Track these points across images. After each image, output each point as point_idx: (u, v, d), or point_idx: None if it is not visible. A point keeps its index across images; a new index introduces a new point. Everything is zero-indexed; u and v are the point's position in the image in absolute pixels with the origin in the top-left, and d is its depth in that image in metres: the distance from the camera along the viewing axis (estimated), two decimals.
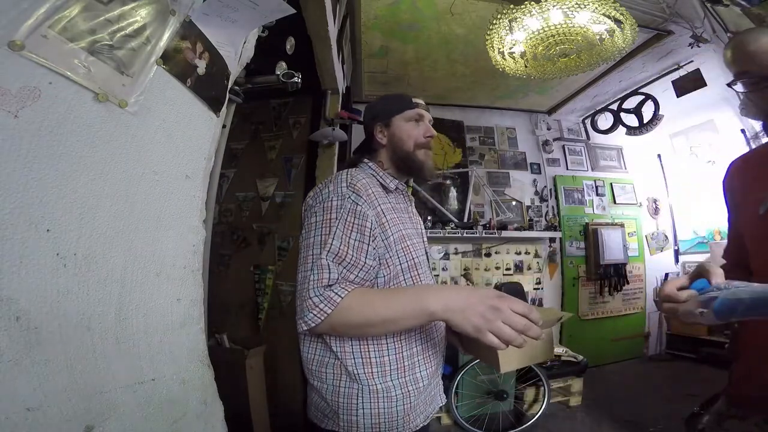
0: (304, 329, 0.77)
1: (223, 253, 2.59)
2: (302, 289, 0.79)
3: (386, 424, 0.84)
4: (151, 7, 0.59)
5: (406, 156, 1.00)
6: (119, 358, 0.55)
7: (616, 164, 4.27)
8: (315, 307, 0.75)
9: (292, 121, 2.65)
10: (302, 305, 0.77)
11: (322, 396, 0.87)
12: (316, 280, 0.77)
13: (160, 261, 0.64)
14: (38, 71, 0.46)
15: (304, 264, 0.81)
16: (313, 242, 0.82)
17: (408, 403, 0.86)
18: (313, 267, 0.79)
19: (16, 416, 0.43)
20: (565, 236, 3.86)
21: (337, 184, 0.87)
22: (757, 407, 0.74)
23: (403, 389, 0.86)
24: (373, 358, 0.85)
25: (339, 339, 0.85)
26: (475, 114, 3.97)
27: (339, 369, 0.85)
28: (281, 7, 0.76)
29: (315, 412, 0.91)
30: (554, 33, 1.93)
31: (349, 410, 0.84)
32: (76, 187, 0.50)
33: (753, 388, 0.76)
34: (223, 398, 0.76)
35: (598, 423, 2.64)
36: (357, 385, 0.84)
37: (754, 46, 0.76)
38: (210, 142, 0.78)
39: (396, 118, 1.02)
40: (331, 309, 0.75)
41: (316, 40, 1.84)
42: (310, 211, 0.87)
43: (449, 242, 3.52)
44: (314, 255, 0.80)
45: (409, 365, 0.88)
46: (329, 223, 0.83)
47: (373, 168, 1.00)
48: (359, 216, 0.84)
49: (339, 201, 0.85)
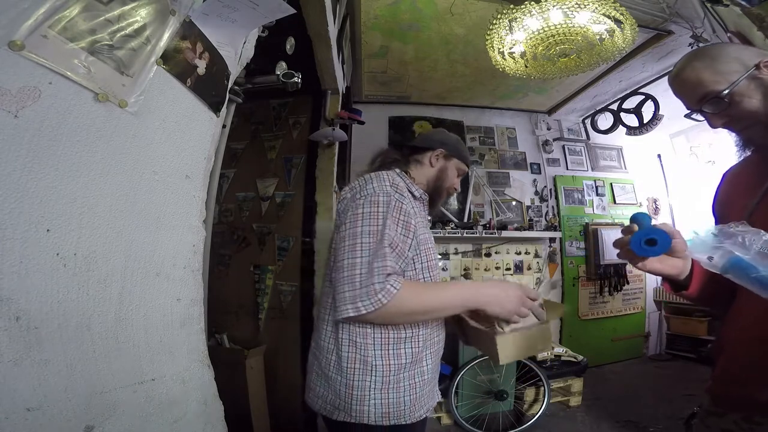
0: (351, 315, 0.82)
1: (223, 253, 2.59)
2: (351, 276, 0.84)
3: (395, 413, 0.91)
4: (151, 7, 0.59)
5: (440, 189, 1.17)
6: (119, 358, 0.55)
7: (616, 164, 4.27)
8: (375, 294, 0.81)
9: (292, 121, 2.65)
10: (357, 291, 0.82)
11: (334, 389, 0.92)
12: (379, 267, 0.83)
13: (160, 261, 0.64)
14: (38, 71, 0.46)
15: (351, 251, 0.86)
16: (362, 231, 0.88)
17: (414, 394, 0.93)
18: (376, 254, 0.85)
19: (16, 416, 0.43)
20: (565, 236, 3.86)
21: (381, 183, 0.96)
22: (735, 405, 0.75)
23: (411, 380, 0.93)
24: (391, 350, 0.92)
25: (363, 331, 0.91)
26: (475, 114, 3.97)
27: (356, 361, 0.91)
28: (281, 7, 0.76)
29: (324, 404, 0.95)
30: (554, 33, 1.92)
31: (361, 401, 0.89)
32: (76, 187, 0.50)
33: (731, 387, 0.76)
34: (223, 398, 0.76)
35: (598, 423, 2.64)
36: (370, 377, 0.90)
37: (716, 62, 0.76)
38: (210, 142, 0.78)
39: (455, 160, 1.20)
40: (388, 299, 0.81)
41: (316, 40, 1.84)
42: (354, 203, 0.93)
43: (449, 242, 3.52)
44: (369, 243, 0.87)
45: (418, 359, 0.95)
46: (377, 215, 0.90)
47: (402, 176, 1.09)
48: (404, 212, 0.94)
49: (385, 197, 0.92)
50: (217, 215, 2.36)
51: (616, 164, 4.27)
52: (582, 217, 3.98)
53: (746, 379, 0.72)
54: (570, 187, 4.02)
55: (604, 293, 3.86)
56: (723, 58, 0.75)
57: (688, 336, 3.83)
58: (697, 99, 0.77)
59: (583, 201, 4.03)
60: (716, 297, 0.80)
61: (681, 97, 0.82)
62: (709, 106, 0.76)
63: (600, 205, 4.07)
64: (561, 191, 3.97)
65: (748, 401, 0.71)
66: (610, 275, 3.84)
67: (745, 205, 0.75)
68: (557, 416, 2.76)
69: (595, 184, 4.09)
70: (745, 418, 0.72)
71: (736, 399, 0.74)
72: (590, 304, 3.85)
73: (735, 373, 0.76)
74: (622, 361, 3.86)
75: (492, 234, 3.45)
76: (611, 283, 3.85)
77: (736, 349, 0.77)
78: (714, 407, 0.79)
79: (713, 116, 0.77)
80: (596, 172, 4.15)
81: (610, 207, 4.11)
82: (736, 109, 0.74)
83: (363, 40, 2.68)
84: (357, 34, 2.60)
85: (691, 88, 0.78)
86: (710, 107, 0.76)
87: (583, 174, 4.11)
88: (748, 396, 0.71)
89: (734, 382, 0.76)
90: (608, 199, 4.12)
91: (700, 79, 0.76)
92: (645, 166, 4.33)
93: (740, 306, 0.77)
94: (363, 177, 1.01)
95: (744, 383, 0.73)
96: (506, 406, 2.66)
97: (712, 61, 0.76)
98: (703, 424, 0.80)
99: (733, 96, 0.73)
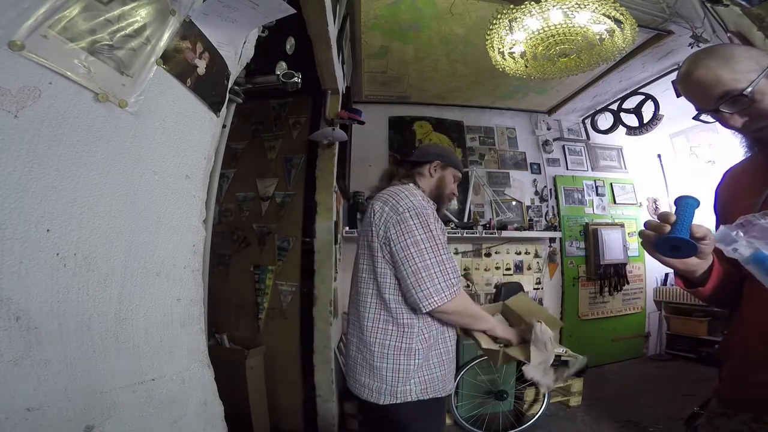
0: (438, 304, 1.05)
1: (223, 253, 2.59)
2: (430, 275, 1.06)
3: (432, 387, 1.12)
4: (151, 7, 0.59)
5: (442, 195, 1.35)
6: (119, 358, 0.55)
7: (616, 164, 4.26)
8: (453, 287, 1.08)
9: (292, 121, 2.65)
10: (439, 286, 1.06)
11: (380, 376, 1.11)
12: (453, 266, 1.10)
13: (160, 261, 0.64)
14: (38, 71, 0.46)
15: (419, 255, 1.07)
16: (422, 239, 1.09)
17: (443, 369, 1.16)
18: (448, 258, 1.11)
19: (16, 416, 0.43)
20: (565, 236, 3.86)
21: (414, 196, 1.16)
22: (744, 406, 0.75)
23: (440, 357, 1.16)
24: (425, 333, 1.13)
25: (409, 322, 1.12)
26: (475, 114, 3.97)
27: (400, 350, 1.11)
28: (281, 7, 0.76)
29: (369, 393, 1.13)
30: (554, 33, 1.92)
31: (405, 382, 1.10)
32: (76, 187, 0.50)
33: (740, 387, 0.76)
34: (223, 398, 0.76)
35: (598, 423, 2.63)
36: (413, 361, 1.10)
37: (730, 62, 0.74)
38: (210, 142, 0.78)
39: (451, 168, 1.37)
40: (459, 293, 1.10)
41: (316, 40, 1.84)
42: (400, 216, 1.11)
43: (449, 242, 3.50)
44: (431, 247, 1.09)
45: (443, 338, 1.18)
46: (427, 224, 1.11)
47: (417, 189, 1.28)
48: (438, 219, 1.18)
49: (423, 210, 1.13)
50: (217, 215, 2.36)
51: (616, 164, 4.27)
52: (582, 217, 3.98)
53: (756, 379, 0.72)
54: (570, 187, 4.02)
55: (604, 293, 3.85)
56: (738, 58, 0.74)
57: (688, 336, 3.83)
58: (716, 98, 0.75)
59: (583, 201, 4.03)
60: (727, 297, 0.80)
61: (693, 97, 0.80)
62: (728, 105, 0.74)
63: (600, 205, 4.07)
64: (561, 191, 3.97)
65: (758, 402, 0.71)
66: (610, 275, 3.84)
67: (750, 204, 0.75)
68: (557, 416, 2.76)
69: (595, 184, 4.09)
70: (755, 418, 0.71)
71: (746, 399, 0.74)
72: (590, 304, 3.85)
73: (744, 373, 0.76)
74: (622, 361, 3.86)
75: (492, 234, 3.45)
76: (611, 283, 3.85)
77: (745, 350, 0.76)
78: (722, 408, 0.79)
79: (731, 116, 0.76)
80: (596, 172, 4.15)
81: (610, 207, 4.10)
82: (756, 108, 0.73)
83: (363, 40, 2.68)
84: (357, 34, 2.60)
85: (707, 88, 0.76)
86: (730, 106, 0.74)
87: (583, 174, 4.10)
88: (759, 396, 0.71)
89: (743, 383, 0.75)
90: (608, 199, 4.12)
91: (718, 78, 0.74)
92: (645, 166, 4.33)
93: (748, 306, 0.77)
94: (389, 191, 1.20)
95: (754, 384, 0.73)
96: (506, 406, 2.66)
97: (728, 60, 0.74)
98: (711, 425, 0.79)
99: (755, 95, 0.72)
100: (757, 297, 0.71)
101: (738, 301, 0.80)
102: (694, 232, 0.65)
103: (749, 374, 0.74)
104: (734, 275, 0.78)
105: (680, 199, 0.68)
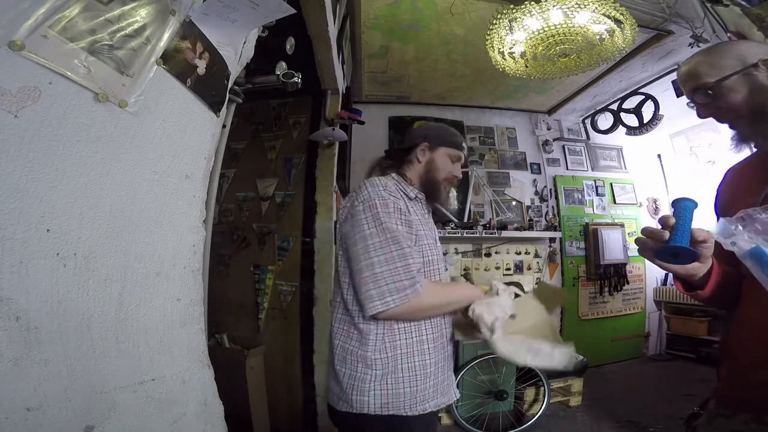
0: (380, 310, 0.89)
1: (223, 253, 2.58)
2: (373, 275, 0.91)
3: (394, 403, 0.95)
4: (151, 7, 0.59)
5: (434, 182, 1.14)
6: (119, 358, 0.55)
7: (616, 164, 4.26)
8: (404, 290, 0.90)
9: (292, 121, 2.65)
10: (383, 288, 0.90)
11: (338, 380, 0.98)
12: (405, 265, 0.91)
13: (160, 261, 0.64)
14: (38, 71, 0.46)
15: (365, 253, 0.93)
16: (370, 233, 0.94)
17: (415, 384, 0.97)
18: (399, 254, 0.92)
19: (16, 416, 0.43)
20: (565, 236, 3.86)
21: (375, 188, 1.01)
22: (743, 406, 0.75)
23: (411, 371, 0.97)
24: (387, 342, 0.97)
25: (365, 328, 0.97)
26: (475, 114, 3.97)
27: (358, 356, 0.97)
28: (281, 7, 0.76)
29: (331, 395, 1.03)
30: (554, 33, 1.92)
31: (360, 391, 0.95)
32: (76, 187, 0.50)
33: (739, 388, 0.76)
34: (223, 398, 0.76)
35: (598, 423, 2.63)
36: (371, 371, 0.95)
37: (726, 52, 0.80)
38: (210, 142, 0.78)
39: (442, 149, 1.15)
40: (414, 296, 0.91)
41: (316, 40, 1.84)
42: (354, 210, 0.99)
43: (449, 242, 3.52)
44: (380, 242, 0.92)
45: (419, 350, 1.00)
46: (378, 216, 0.95)
47: (396, 179, 1.11)
48: (402, 212, 1.00)
49: (381, 200, 0.98)
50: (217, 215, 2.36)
51: (616, 164, 4.27)
52: (582, 217, 3.98)
53: (755, 380, 0.72)
54: (570, 187, 4.02)
55: (604, 293, 3.85)
56: (725, 53, 0.80)
57: (688, 336, 3.83)
58: (690, 89, 0.83)
59: (583, 201, 4.03)
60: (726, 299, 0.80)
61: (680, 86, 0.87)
62: (698, 96, 0.82)
63: (600, 205, 4.07)
64: (561, 191, 3.97)
65: (757, 402, 0.71)
66: (610, 275, 3.84)
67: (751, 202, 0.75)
68: (557, 416, 2.76)
69: (595, 184, 4.09)
70: (755, 419, 0.71)
71: (745, 400, 0.74)
72: (590, 304, 3.85)
73: (744, 374, 0.76)
74: (622, 361, 3.86)
75: (492, 234, 3.45)
76: (611, 283, 3.85)
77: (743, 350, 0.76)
78: (721, 409, 0.79)
79: (701, 107, 0.83)
80: (596, 172, 4.15)
81: (610, 207, 4.10)
82: (720, 102, 0.79)
83: (363, 40, 2.68)
84: (357, 34, 2.60)
85: (686, 79, 0.84)
86: (699, 98, 0.82)
87: (583, 174, 4.10)
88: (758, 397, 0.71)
89: (742, 384, 0.75)
90: (608, 199, 4.12)
91: (696, 71, 0.81)
92: (645, 166, 4.32)
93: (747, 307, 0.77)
94: (359, 185, 1.05)
95: (752, 384, 0.73)
96: (506, 406, 2.66)
97: (714, 55, 0.81)
98: (711, 426, 0.79)
99: (720, 89, 0.78)
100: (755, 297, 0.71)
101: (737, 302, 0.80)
102: (695, 236, 0.65)
103: (748, 375, 0.74)
104: (733, 277, 0.78)
105: (678, 202, 0.66)
